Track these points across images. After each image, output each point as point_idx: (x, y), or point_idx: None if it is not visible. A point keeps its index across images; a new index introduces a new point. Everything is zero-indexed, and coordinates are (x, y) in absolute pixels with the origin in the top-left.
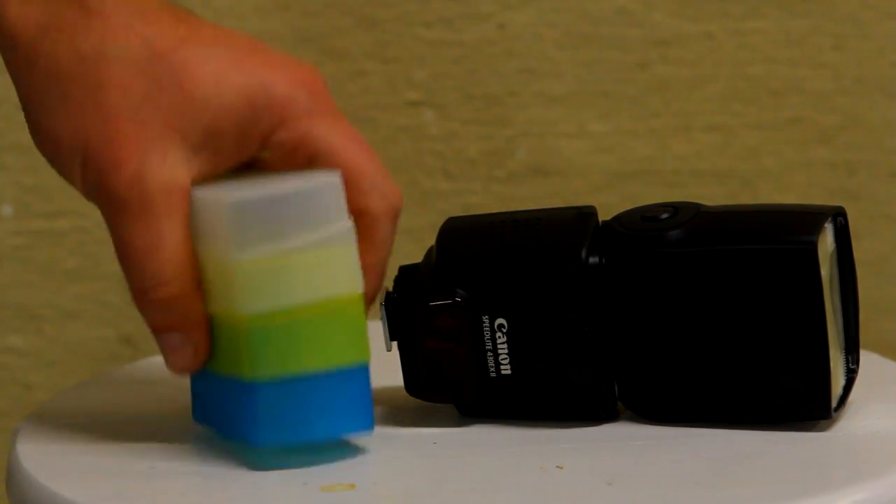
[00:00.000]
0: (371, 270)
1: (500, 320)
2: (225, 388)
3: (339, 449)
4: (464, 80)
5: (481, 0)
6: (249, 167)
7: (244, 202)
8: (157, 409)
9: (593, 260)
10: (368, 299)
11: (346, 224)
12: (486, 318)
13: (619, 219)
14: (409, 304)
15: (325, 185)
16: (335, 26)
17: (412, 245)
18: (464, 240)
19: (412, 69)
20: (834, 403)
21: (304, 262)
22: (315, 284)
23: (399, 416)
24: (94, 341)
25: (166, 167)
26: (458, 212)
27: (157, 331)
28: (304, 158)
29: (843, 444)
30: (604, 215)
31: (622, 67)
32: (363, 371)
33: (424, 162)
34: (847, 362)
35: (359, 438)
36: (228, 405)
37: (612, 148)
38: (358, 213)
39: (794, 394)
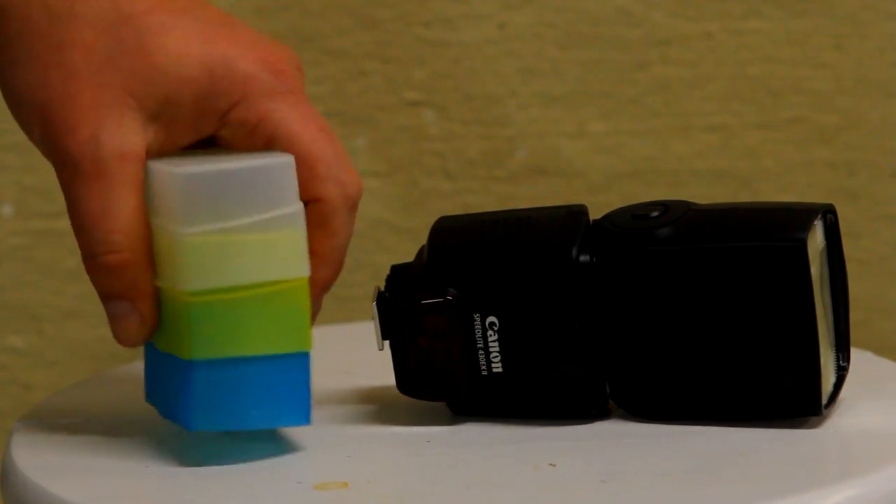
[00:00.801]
0: (325, 258)
1: (492, 318)
2: (167, 366)
3: (275, 444)
4: (464, 80)
5: (481, 0)
6: (208, 145)
7: (194, 175)
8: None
9: (584, 258)
10: (323, 288)
11: (297, 207)
12: (477, 317)
13: (609, 217)
14: (401, 303)
15: (278, 165)
16: (335, 26)
17: (412, 245)
18: (455, 238)
19: (412, 69)
20: (824, 401)
21: (251, 242)
22: (260, 266)
23: (392, 414)
24: (94, 341)
25: (121, 132)
26: (458, 212)
27: (105, 298)
28: (262, 139)
29: (835, 441)
30: (601, 215)
31: (622, 67)
32: (303, 361)
33: (424, 162)
34: (837, 360)
35: (296, 428)
36: (170, 384)
37: (612, 148)
38: (313, 200)
39: (784, 391)
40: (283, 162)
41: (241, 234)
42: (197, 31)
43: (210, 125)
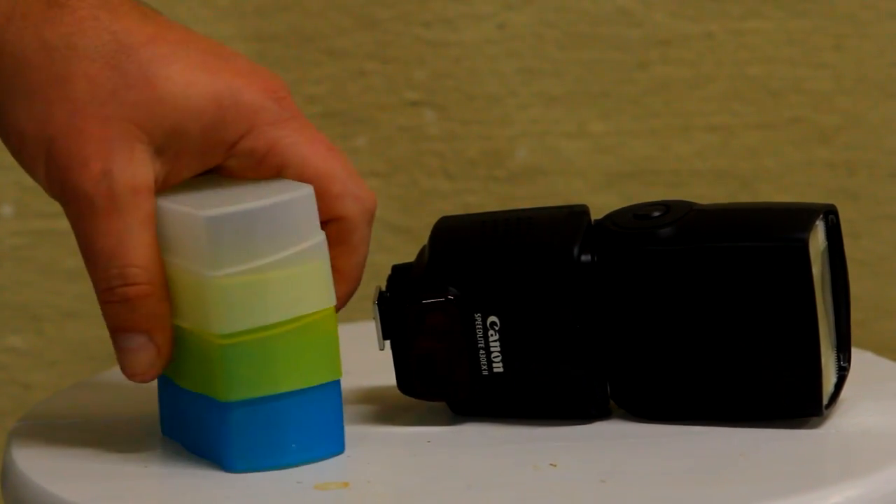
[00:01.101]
0: (347, 275)
1: (493, 318)
2: (196, 407)
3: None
4: (464, 80)
5: (481, 0)
6: (208, 172)
7: (219, 217)
8: (152, 409)
9: (585, 258)
10: (343, 303)
11: (320, 238)
12: (478, 316)
13: (611, 217)
14: (402, 303)
15: (300, 198)
16: (335, 26)
17: (412, 245)
18: (456, 238)
19: (412, 69)
20: (825, 401)
21: (279, 278)
22: (289, 302)
23: (393, 414)
24: (94, 341)
25: (132, 166)
26: (458, 212)
27: (120, 331)
28: (272, 168)
29: (836, 441)
30: (603, 215)
31: (622, 67)
32: (335, 389)
33: (424, 162)
34: (838, 360)
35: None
36: (200, 425)
37: (612, 148)
38: (332, 219)
39: (785, 391)
40: (304, 194)
41: (268, 272)
42: (199, 62)
43: (217, 156)
